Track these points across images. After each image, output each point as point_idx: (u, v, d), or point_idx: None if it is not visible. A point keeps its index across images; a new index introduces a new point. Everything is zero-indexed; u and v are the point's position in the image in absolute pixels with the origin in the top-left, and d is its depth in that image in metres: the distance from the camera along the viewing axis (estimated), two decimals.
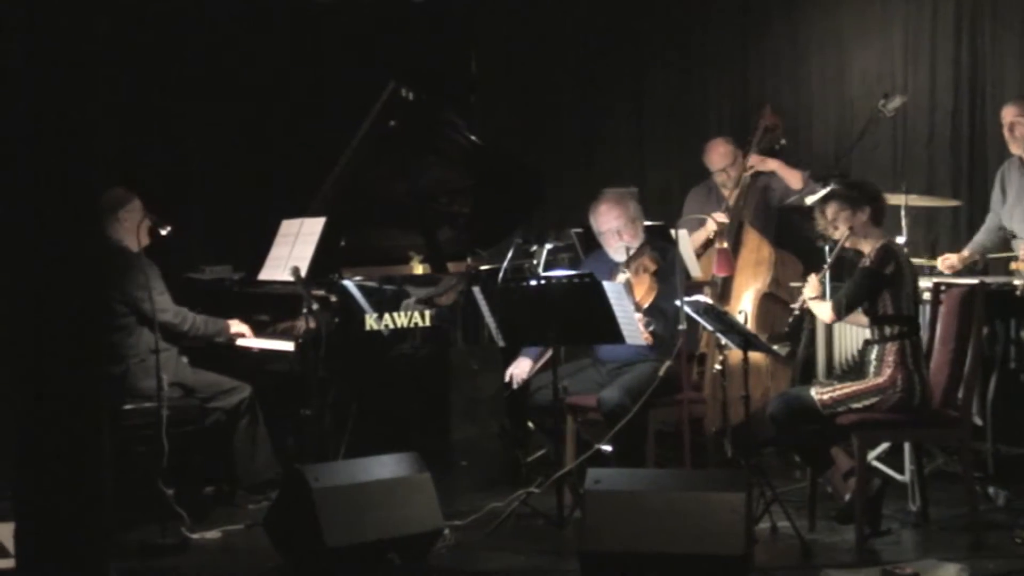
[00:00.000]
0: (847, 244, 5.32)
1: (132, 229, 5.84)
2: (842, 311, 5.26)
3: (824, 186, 6.27)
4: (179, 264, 6.33)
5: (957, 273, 6.28)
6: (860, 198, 5.28)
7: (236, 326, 6.12)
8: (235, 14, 7.68)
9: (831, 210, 5.31)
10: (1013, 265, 6.06)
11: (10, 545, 4.53)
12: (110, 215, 5.88)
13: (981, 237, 6.45)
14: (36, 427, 4.28)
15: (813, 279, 5.39)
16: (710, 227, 6.64)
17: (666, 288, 5.84)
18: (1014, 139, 6.28)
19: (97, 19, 4.37)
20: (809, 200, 6.41)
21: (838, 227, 5.29)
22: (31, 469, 4.32)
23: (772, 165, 6.84)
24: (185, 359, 6.05)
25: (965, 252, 6.37)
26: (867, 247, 5.28)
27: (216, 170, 7.49)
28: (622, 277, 5.86)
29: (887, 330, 5.19)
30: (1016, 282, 5.90)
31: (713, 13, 8.10)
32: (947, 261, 6.31)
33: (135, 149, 6.91)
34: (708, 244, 6.69)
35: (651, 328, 5.74)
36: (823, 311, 5.33)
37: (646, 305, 5.87)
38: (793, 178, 6.77)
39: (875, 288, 5.19)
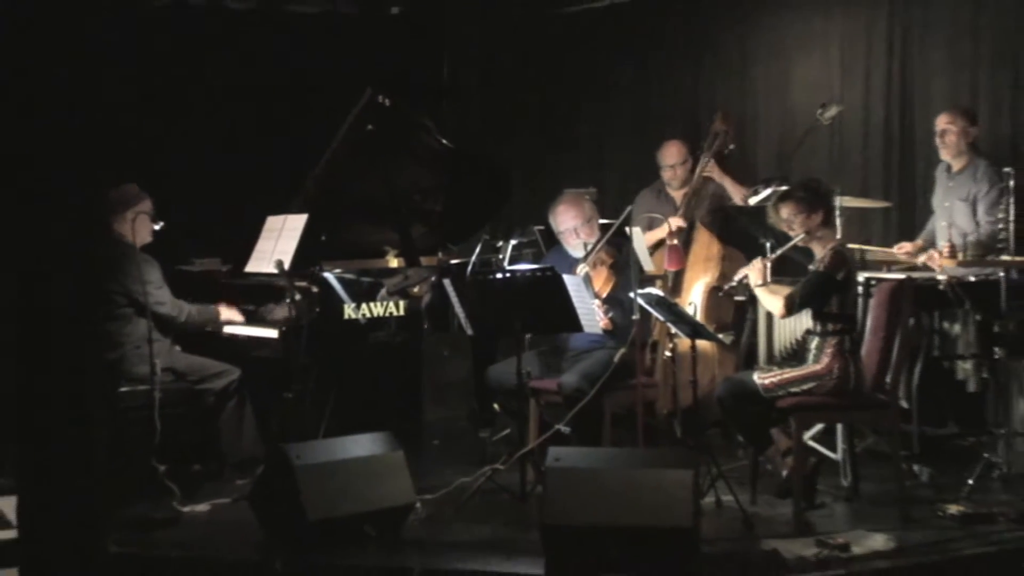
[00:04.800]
0: (800, 244, 5.31)
1: (138, 225, 5.86)
2: (794, 309, 5.25)
3: (766, 187, 6.33)
4: (171, 257, 6.30)
5: (891, 268, 6.36)
6: (816, 201, 5.25)
7: (225, 312, 6.11)
8: (225, 24, 7.67)
9: (787, 210, 5.26)
10: (931, 263, 6.12)
11: (13, 517, 4.53)
12: (119, 210, 5.90)
13: (931, 227, 6.51)
14: (37, 408, 4.28)
15: (758, 263, 5.34)
16: (661, 235, 6.67)
17: (622, 280, 5.87)
18: (944, 145, 6.29)
19: (90, 21, 4.36)
20: (752, 201, 6.45)
21: (794, 227, 5.26)
22: (33, 447, 4.31)
23: (725, 181, 6.82)
24: (178, 348, 6.05)
25: (919, 241, 6.42)
26: (819, 248, 5.27)
27: (206, 170, 7.46)
28: (582, 270, 5.89)
29: (830, 325, 5.21)
30: (940, 277, 5.95)
31: (667, 27, 8.13)
32: (903, 249, 6.35)
33: (130, 151, 6.89)
34: (661, 243, 6.71)
35: (610, 315, 5.77)
36: (774, 305, 5.31)
37: (605, 295, 5.91)
38: (737, 194, 6.74)
39: (828, 291, 5.19)
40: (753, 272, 5.35)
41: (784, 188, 5.52)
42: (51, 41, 4.24)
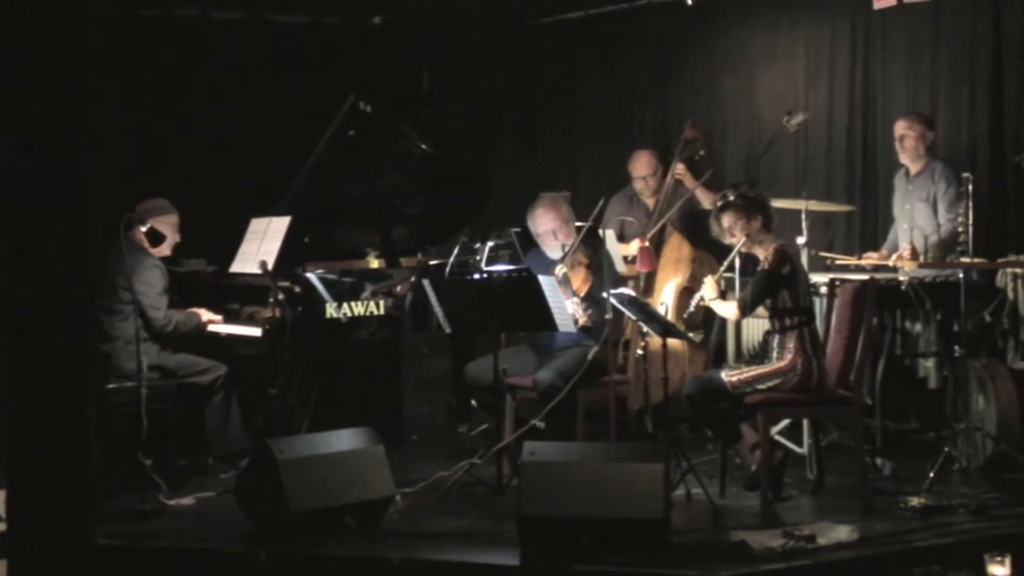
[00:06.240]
0: (744, 249, 5.32)
1: (150, 236, 5.96)
2: (747, 310, 5.27)
3: (734, 193, 6.29)
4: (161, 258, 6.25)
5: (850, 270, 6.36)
6: (753, 207, 5.26)
7: (206, 315, 6.09)
8: (212, 33, 7.64)
9: (727, 219, 5.28)
10: (899, 263, 6.12)
11: (2, 511, 4.47)
12: (140, 218, 5.96)
13: (894, 235, 6.51)
14: (28, 403, 4.24)
15: (710, 280, 5.37)
16: (632, 248, 6.63)
17: (598, 280, 5.87)
18: (903, 150, 6.31)
19: (87, 30, 4.33)
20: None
21: (735, 234, 5.28)
22: (23, 442, 4.27)
23: (695, 186, 6.79)
24: (168, 350, 6.00)
25: (884, 251, 6.41)
26: (762, 251, 5.28)
27: (193, 174, 7.41)
28: (560, 270, 5.87)
29: (786, 321, 5.21)
30: (901, 278, 5.96)
31: (638, 39, 8.11)
32: (869, 258, 6.34)
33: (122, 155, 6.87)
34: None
35: (588, 312, 5.75)
36: (728, 310, 5.33)
37: (583, 294, 5.89)
38: (707, 199, 6.70)
39: (775, 287, 5.20)
40: (706, 289, 5.36)
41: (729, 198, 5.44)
42: (49, 47, 4.21)
